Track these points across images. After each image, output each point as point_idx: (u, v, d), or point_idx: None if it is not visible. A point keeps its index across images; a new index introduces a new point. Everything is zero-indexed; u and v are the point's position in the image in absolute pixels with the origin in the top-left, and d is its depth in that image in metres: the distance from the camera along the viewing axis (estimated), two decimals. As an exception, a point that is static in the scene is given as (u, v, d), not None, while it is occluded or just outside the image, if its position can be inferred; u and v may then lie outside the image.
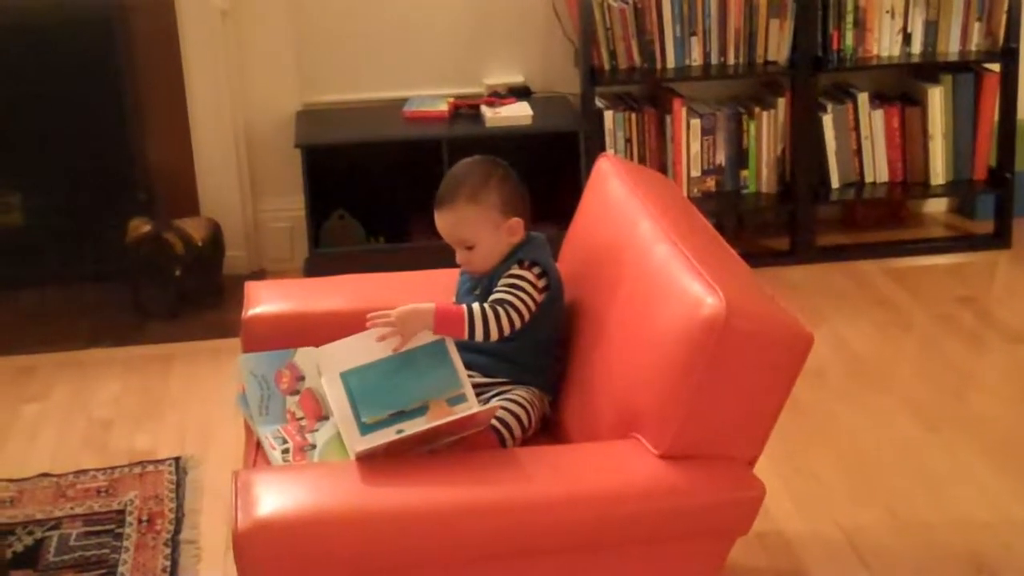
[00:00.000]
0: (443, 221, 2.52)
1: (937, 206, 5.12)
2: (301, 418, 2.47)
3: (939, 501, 3.15)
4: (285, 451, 2.39)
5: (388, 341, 2.34)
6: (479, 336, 2.40)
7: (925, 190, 4.81)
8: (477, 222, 2.48)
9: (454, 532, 2.06)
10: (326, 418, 2.46)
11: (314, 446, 2.40)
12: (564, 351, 2.56)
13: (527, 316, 2.44)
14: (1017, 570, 2.88)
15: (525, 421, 2.45)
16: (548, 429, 2.53)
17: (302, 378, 2.55)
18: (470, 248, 2.50)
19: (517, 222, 2.50)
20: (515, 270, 2.47)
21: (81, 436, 3.56)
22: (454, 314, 2.39)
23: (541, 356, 2.54)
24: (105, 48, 4.41)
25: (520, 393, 2.49)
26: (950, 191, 4.88)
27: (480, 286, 2.53)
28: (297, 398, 2.51)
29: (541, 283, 2.47)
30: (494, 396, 2.48)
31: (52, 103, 4.45)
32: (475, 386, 2.37)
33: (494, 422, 2.38)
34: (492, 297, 2.45)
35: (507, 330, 2.41)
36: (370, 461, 2.22)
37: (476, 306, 2.41)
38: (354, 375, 2.31)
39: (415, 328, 2.35)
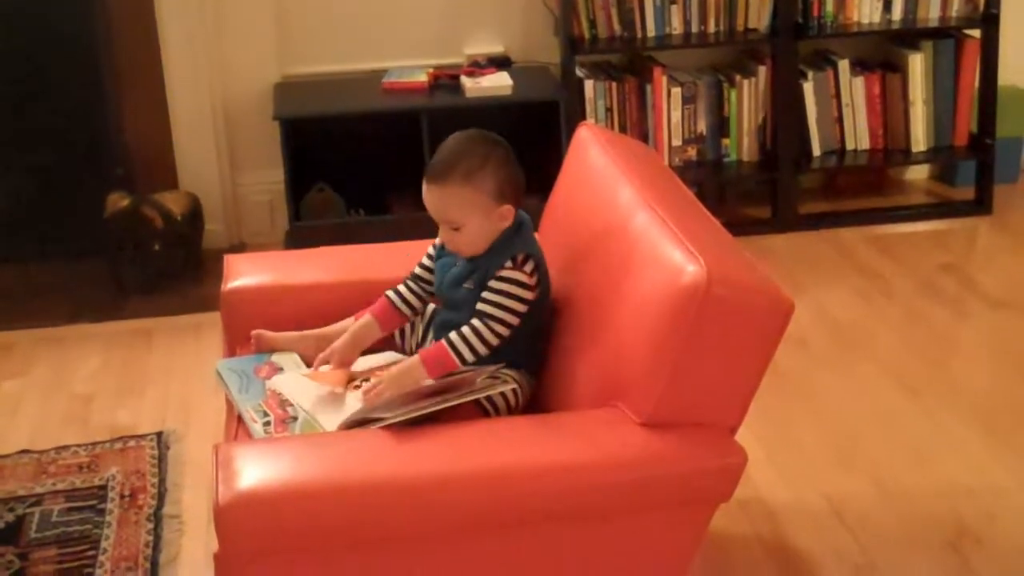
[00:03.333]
0: (431, 196, 2.40)
1: (918, 173, 5.12)
2: (281, 394, 2.46)
3: (922, 468, 3.16)
4: (266, 424, 2.38)
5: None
6: (470, 358, 2.37)
7: (906, 157, 4.80)
8: (467, 205, 2.38)
9: (436, 503, 2.05)
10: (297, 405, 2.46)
11: (295, 418, 2.39)
12: (547, 324, 2.54)
13: (516, 322, 2.39)
14: (1000, 536, 2.89)
15: (512, 400, 2.41)
16: (531, 399, 2.51)
17: (280, 369, 2.55)
18: (456, 229, 2.41)
19: (508, 209, 2.41)
20: (509, 271, 2.39)
21: (62, 412, 3.54)
22: (440, 355, 2.36)
23: (531, 344, 2.49)
24: (81, 20, 4.37)
25: (508, 372, 2.44)
26: (931, 158, 4.87)
27: (473, 277, 2.44)
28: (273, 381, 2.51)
29: (533, 280, 2.41)
30: (483, 377, 2.46)
31: (27, 77, 4.41)
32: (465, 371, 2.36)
33: (481, 400, 2.34)
34: (478, 307, 2.38)
35: (493, 343, 2.37)
36: (350, 434, 2.22)
37: (455, 335, 2.37)
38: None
39: (409, 386, 2.33)
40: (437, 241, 2.53)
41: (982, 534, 2.89)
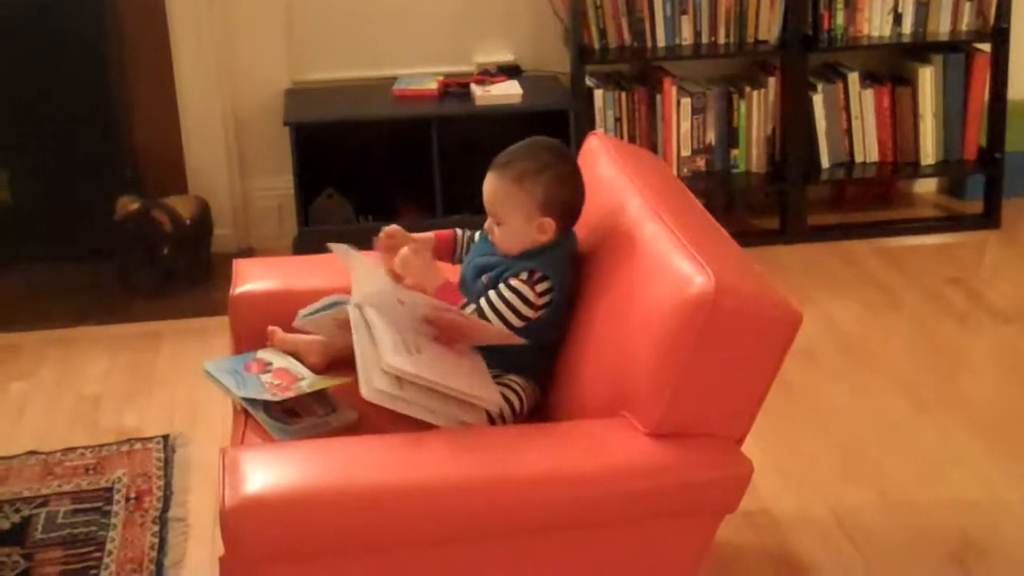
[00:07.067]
0: (488, 184, 2.45)
1: (927, 186, 5.12)
2: (279, 384, 2.47)
3: (928, 481, 3.15)
4: (275, 395, 2.39)
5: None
6: None
7: (915, 170, 4.81)
8: (512, 204, 2.42)
9: (441, 510, 2.05)
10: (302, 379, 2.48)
11: (301, 380, 2.44)
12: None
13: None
14: (1004, 550, 2.89)
15: (517, 406, 2.43)
16: (537, 409, 2.52)
17: (269, 364, 2.56)
18: (498, 223, 2.45)
19: (549, 223, 2.42)
20: (520, 282, 2.42)
21: (69, 414, 3.55)
22: (451, 300, 2.41)
23: (543, 357, 2.50)
24: (93, 25, 4.39)
25: (513, 378, 2.47)
26: (940, 171, 4.88)
27: (491, 274, 2.47)
28: (270, 374, 2.52)
29: (542, 300, 2.42)
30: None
31: (39, 80, 4.42)
32: None
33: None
34: (480, 301, 2.42)
35: None
36: (357, 439, 2.22)
37: (469, 309, 2.41)
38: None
39: (416, 278, 2.46)
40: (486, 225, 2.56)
41: (986, 547, 2.89)
